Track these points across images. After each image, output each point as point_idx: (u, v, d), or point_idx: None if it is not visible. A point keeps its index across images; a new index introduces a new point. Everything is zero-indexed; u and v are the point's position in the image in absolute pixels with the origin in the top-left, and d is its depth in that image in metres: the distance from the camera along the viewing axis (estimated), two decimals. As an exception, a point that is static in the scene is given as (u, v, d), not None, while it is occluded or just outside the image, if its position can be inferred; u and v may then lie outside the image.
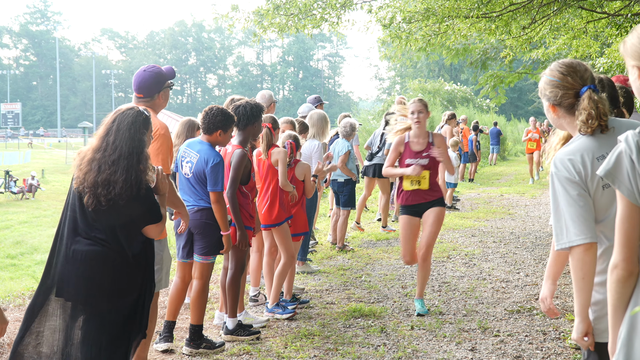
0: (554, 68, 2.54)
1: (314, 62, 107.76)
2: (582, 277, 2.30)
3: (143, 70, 4.21)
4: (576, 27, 11.39)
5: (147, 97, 4.17)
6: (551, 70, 2.55)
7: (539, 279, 6.94)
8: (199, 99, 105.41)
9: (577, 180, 2.33)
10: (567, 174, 2.34)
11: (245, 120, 5.03)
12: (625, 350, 1.99)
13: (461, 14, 9.20)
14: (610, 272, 2.06)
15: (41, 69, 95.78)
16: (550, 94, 2.52)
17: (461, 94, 32.07)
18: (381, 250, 8.62)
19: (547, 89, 2.54)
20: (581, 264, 2.30)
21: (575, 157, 2.36)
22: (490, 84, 14.32)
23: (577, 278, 2.32)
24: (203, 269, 4.79)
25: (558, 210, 2.36)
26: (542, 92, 2.57)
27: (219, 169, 4.66)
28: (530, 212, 12.23)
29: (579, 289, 2.33)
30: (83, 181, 3.24)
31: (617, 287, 2.05)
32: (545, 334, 5.15)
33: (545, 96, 2.55)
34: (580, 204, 2.31)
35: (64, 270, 3.30)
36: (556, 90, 2.50)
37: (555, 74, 2.51)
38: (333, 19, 10.07)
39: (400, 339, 5.09)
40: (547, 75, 2.55)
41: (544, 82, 2.56)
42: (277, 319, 5.61)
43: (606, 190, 2.34)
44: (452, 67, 60.49)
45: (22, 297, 6.42)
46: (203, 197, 4.73)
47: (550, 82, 2.53)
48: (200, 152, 4.72)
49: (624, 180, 1.99)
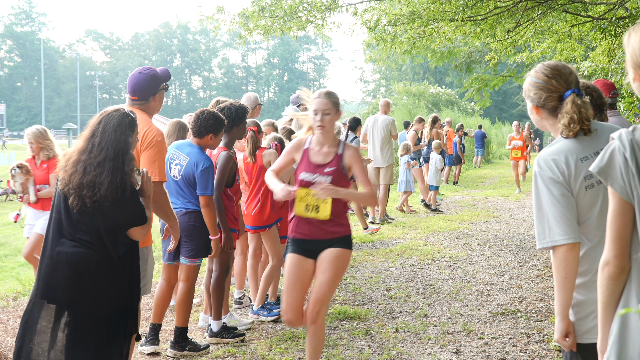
0: (539, 70, 2.55)
1: (299, 65, 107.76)
2: (565, 276, 2.32)
3: (138, 73, 4.13)
4: (560, 30, 11.49)
5: (142, 99, 4.10)
6: (536, 72, 2.55)
7: (522, 282, 6.98)
8: (184, 100, 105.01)
9: (560, 180, 2.35)
10: (550, 173, 2.36)
11: (230, 122, 5.01)
12: (617, 348, 1.99)
13: (446, 17, 9.24)
14: (602, 269, 2.06)
15: (25, 70, 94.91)
16: (534, 95, 2.53)
17: (446, 96, 32.24)
18: (365, 252, 8.62)
19: (531, 91, 2.55)
20: (564, 263, 2.32)
21: (559, 157, 2.38)
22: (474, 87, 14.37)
23: (559, 278, 2.34)
24: (189, 272, 4.77)
25: (541, 209, 2.38)
26: (526, 94, 2.58)
27: (209, 173, 4.65)
28: (514, 215, 12.31)
29: (560, 289, 2.34)
30: (68, 182, 3.23)
31: (609, 284, 2.05)
32: (529, 337, 5.17)
33: (529, 97, 2.57)
34: (563, 204, 2.33)
35: (48, 272, 3.27)
36: (540, 92, 2.51)
37: (539, 76, 2.52)
38: (318, 21, 10.08)
39: (385, 341, 5.09)
40: (532, 77, 2.56)
41: (529, 84, 2.57)
42: (262, 322, 5.59)
43: (589, 191, 2.36)
44: (437, 70, 60.80)
45: (5, 299, 6.35)
46: (191, 200, 4.71)
47: (534, 84, 2.54)
48: (190, 155, 4.70)
49: (616, 177, 2.00)
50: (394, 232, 10.22)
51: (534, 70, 2.58)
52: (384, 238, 9.70)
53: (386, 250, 8.77)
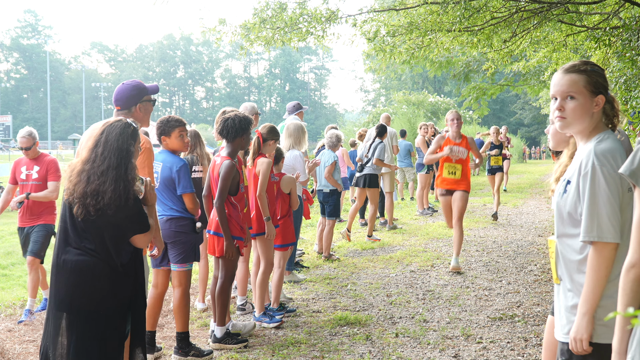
0: (598, 66, 2.54)
1: (300, 75, 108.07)
2: (605, 274, 2.31)
3: (122, 83, 4.21)
4: (556, 40, 11.63)
5: (124, 109, 4.10)
6: (598, 67, 2.53)
7: (520, 287, 7.08)
8: (187, 111, 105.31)
9: (619, 177, 2.32)
10: (611, 168, 2.34)
11: (233, 133, 5.13)
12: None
13: (444, 27, 9.37)
14: (627, 272, 2.03)
15: (32, 82, 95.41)
16: (607, 87, 2.51)
17: (445, 105, 32.34)
18: (366, 259, 8.72)
19: (605, 82, 2.51)
20: (608, 262, 2.31)
21: (617, 154, 2.37)
22: (473, 95, 14.51)
23: (599, 276, 2.31)
24: (181, 277, 4.90)
25: (595, 203, 2.33)
26: (599, 85, 2.50)
27: (185, 171, 4.84)
28: (512, 222, 12.40)
29: (596, 286, 2.31)
30: (73, 192, 3.29)
31: (633, 286, 2.01)
32: (527, 341, 5.25)
33: (605, 88, 2.51)
34: (618, 203, 2.33)
35: (55, 280, 3.35)
36: (607, 85, 2.51)
37: (603, 72, 2.52)
38: (319, 32, 10.19)
39: (385, 346, 5.18)
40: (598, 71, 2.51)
41: (603, 77, 2.53)
42: (264, 328, 5.69)
43: (629, 193, 2.35)
44: (435, 80, 60.98)
45: (13, 307, 6.46)
46: (173, 206, 4.85)
47: (604, 77, 2.51)
48: (164, 161, 4.88)
49: None
50: (394, 239, 10.33)
51: (593, 63, 2.55)
52: (384, 245, 9.80)
53: (386, 256, 8.88)
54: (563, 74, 2.53)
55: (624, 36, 8.01)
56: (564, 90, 2.50)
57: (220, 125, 5.16)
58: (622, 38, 8.16)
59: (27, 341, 5.41)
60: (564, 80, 2.51)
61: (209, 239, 5.19)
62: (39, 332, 5.56)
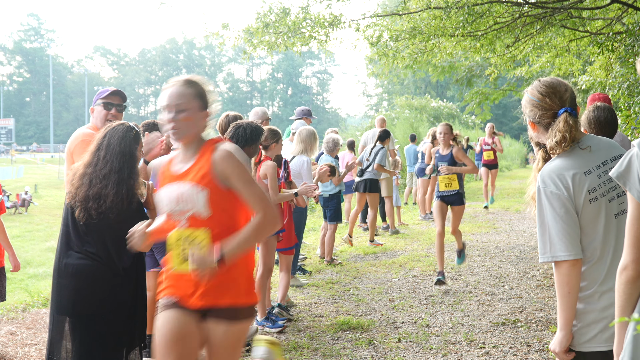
0: (535, 87, 2.58)
1: (302, 79, 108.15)
2: (569, 291, 2.37)
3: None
4: (559, 45, 11.65)
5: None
6: (532, 89, 2.59)
7: (523, 292, 7.06)
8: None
9: (564, 196, 2.38)
10: (555, 189, 2.40)
11: (243, 141, 5.15)
12: (630, 349, 1.98)
13: (447, 32, 9.39)
14: (620, 274, 2.05)
15: (34, 86, 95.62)
16: (530, 112, 2.59)
17: (447, 110, 32.38)
18: (369, 264, 8.72)
19: (527, 107, 2.61)
20: (567, 279, 2.36)
21: (563, 172, 2.42)
22: (475, 100, 14.56)
23: (563, 293, 2.38)
24: None
25: (544, 224, 2.42)
26: (523, 109, 2.63)
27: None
28: (514, 227, 12.38)
29: (564, 303, 2.38)
30: (75, 195, 3.28)
31: (627, 288, 2.03)
32: (530, 346, 5.24)
33: (526, 114, 2.62)
34: (566, 221, 2.37)
35: (57, 284, 3.34)
36: (535, 109, 2.56)
37: (535, 94, 2.56)
38: (321, 37, 10.22)
39: (388, 351, 5.17)
40: (528, 94, 2.60)
41: (525, 100, 2.62)
42: (266, 332, 5.69)
43: (592, 204, 2.39)
44: (438, 84, 60.95)
45: (15, 311, 6.46)
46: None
47: (530, 101, 2.58)
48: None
49: (634, 182, 2.01)
50: (397, 244, 10.32)
51: (531, 87, 2.62)
52: (387, 250, 9.79)
53: (389, 261, 8.87)
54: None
55: (626, 41, 8.03)
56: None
57: (231, 132, 5.16)
58: (625, 43, 8.18)
59: (29, 345, 5.41)
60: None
61: None
62: (40, 335, 5.56)
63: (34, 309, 6.53)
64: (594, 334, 2.39)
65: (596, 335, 2.39)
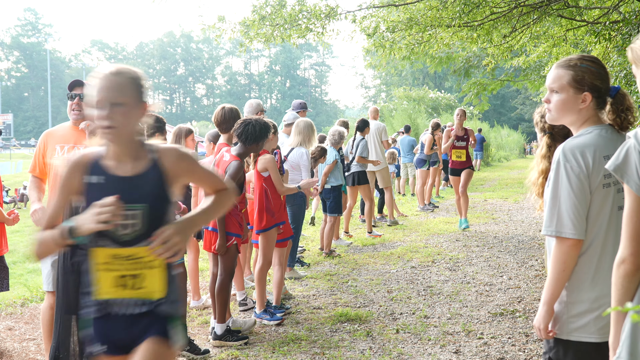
0: (593, 60, 2.52)
1: (300, 71, 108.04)
2: (563, 269, 2.37)
3: None
4: (556, 35, 11.62)
5: None
6: (593, 62, 2.52)
7: (521, 282, 7.08)
8: (188, 108, 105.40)
9: (584, 174, 2.36)
10: (575, 164, 2.37)
11: (251, 139, 5.14)
12: (629, 344, 1.97)
13: (443, 23, 9.36)
14: (617, 267, 2.03)
15: (32, 81, 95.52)
16: (598, 82, 2.50)
17: (445, 101, 32.38)
18: (367, 255, 8.72)
19: (592, 78, 2.49)
20: (565, 257, 2.36)
21: (587, 150, 2.39)
22: (473, 91, 14.53)
23: (557, 269, 2.37)
24: None
25: (556, 197, 2.39)
26: (584, 82, 2.49)
27: None
28: (513, 217, 12.39)
29: (555, 280, 2.38)
30: None
31: (624, 281, 2.01)
32: (528, 336, 5.25)
33: (588, 84, 2.48)
34: (580, 198, 2.36)
35: (63, 282, 3.34)
36: (600, 82, 2.50)
37: (597, 66, 2.51)
38: (318, 29, 10.19)
39: (386, 342, 5.19)
40: (590, 66, 2.51)
41: (589, 72, 2.50)
42: (264, 325, 5.70)
43: (605, 189, 2.38)
44: (436, 75, 60.93)
45: (14, 306, 6.47)
46: None
47: (597, 74, 2.50)
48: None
49: (632, 175, 1.99)
50: (395, 235, 10.33)
51: (589, 59, 2.53)
52: (385, 241, 9.81)
53: (387, 252, 8.88)
54: (554, 68, 2.59)
55: (624, 30, 8.01)
56: (549, 85, 2.56)
57: (240, 128, 5.15)
58: (622, 32, 8.16)
59: (28, 339, 5.42)
60: (551, 75, 2.56)
61: (206, 235, 5.21)
62: (39, 330, 5.57)
63: (32, 304, 6.53)
64: (583, 324, 2.40)
65: (587, 324, 2.39)
